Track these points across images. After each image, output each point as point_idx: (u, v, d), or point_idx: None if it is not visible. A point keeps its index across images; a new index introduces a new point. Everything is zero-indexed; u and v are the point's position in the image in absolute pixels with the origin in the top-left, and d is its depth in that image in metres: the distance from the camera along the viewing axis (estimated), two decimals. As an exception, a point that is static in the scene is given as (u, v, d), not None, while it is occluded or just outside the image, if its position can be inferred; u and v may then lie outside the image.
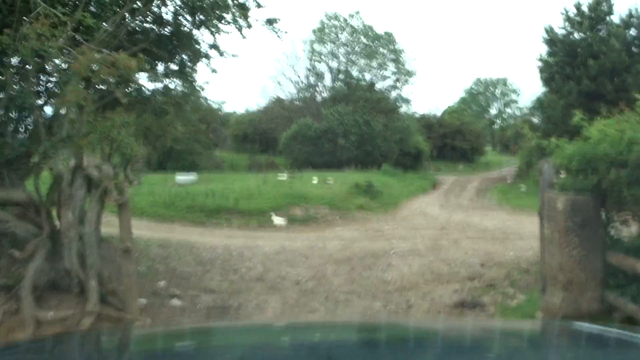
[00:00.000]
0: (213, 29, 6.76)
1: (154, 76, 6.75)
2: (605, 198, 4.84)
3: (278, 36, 7.62)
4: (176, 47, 7.08)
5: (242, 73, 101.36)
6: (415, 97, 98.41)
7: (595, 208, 4.82)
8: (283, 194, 15.95)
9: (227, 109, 60.64)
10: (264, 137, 45.45)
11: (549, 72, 20.04)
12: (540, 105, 22.20)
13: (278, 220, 13.34)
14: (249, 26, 7.31)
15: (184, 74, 7.74)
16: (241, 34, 7.48)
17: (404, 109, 42.48)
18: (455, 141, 52.17)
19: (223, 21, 6.69)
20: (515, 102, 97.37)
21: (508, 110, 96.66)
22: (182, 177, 21.87)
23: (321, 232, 12.61)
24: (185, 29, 6.93)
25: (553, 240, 4.75)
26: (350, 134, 35.42)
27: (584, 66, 18.87)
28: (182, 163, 31.45)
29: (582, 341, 1.71)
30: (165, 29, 6.89)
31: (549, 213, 4.81)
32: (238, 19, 6.97)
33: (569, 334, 1.88)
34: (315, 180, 20.80)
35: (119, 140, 5.07)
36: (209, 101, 41.89)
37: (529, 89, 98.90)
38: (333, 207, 15.03)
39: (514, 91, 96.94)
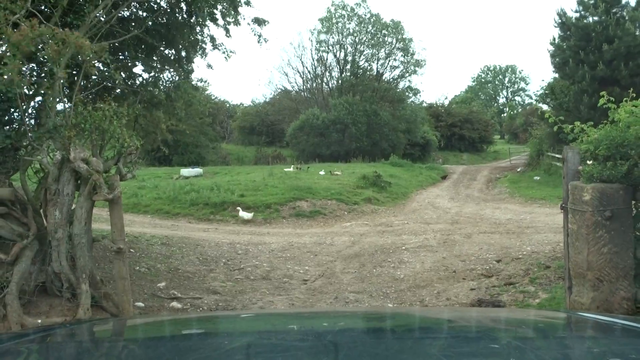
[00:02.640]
0: (204, 22, 6.40)
1: (148, 67, 6.39)
2: (637, 187, 4.43)
3: (259, 41, 7.31)
4: (172, 37, 6.73)
5: (249, 64, 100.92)
6: (423, 87, 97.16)
7: (625, 199, 4.41)
8: (289, 186, 15.61)
9: (233, 101, 60.53)
10: (270, 129, 45.08)
11: (562, 57, 19.44)
12: (551, 91, 21.61)
13: (244, 214, 13.02)
14: (237, 23, 6.96)
15: (180, 65, 7.39)
16: (227, 34, 7.14)
17: (412, 98, 41.85)
18: (464, 130, 51.53)
19: (214, 15, 6.34)
20: (525, 90, 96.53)
21: (517, 98, 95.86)
22: (187, 171, 21.56)
23: (329, 227, 12.26)
24: (181, 18, 6.57)
25: (580, 236, 4.36)
26: (358, 123, 34.97)
27: (599, 51, 18.25)
28: (188, 157, 31.20)
29: (589, 330, 1.70)
30: (161, 18, 6.52)
31: (574, 205, 4.41)
32: (227, 16, 6.63)
33: (575, 322, 1.86)
34: (322, 172, 20.43)
35: (111, 132, 4.71)
36: (211, 95, 41.62)
37: (538, 76, 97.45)
38: (341, 200, 14.66)
39: (523, 79, 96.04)
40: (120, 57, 6.39)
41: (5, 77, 3.84)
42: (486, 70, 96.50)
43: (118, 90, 6.55)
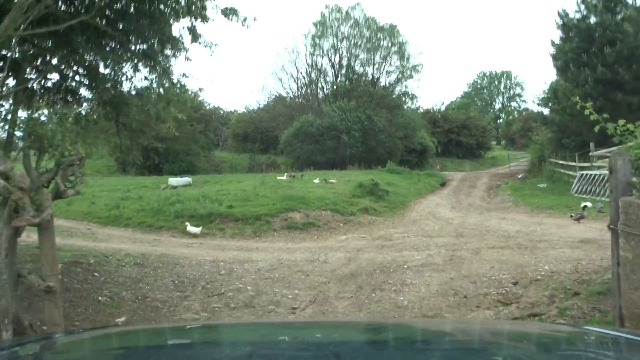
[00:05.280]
0: (171, 13, 5.51)
1: (109, 60, 5.46)
2: None
3: (243, 24, 6.42)
4: (142, 29, 5.83)
5: (243, 71, 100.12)
6: (419, 92, 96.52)
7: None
8: (281, 196, 14.68)
9: (228, 108, 59.64)
10: (265, 136, 44.15)
11: (564, 60, 18.67)
12: (554, 95, 20.83)
13: (192, 229, 12.15)
14: (205, 18, 6.10)
15: (154, 61, 6.48)
16: (191, 31, 6.27)
17: (408, 104, 41.04)
18: (461, 136, 50.73)
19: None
20: (520, 95, 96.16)
21: (512, 104, 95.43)
22: (176, 180, 20.61)
23: (323, 240, 11.34)
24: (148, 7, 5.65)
25: (636, 266, 3.45)
26: (353, 130, 34.10)
27: (601, 53, 17.49)
28: (179, 165, 30.24)
29: (592, 345, 1.65)
30: (125, 6, 5.60)
31: (629, 227, 3.50)
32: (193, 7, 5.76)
33: (579, 337, 1.80)
34: (317, 180, 19.52)
35: (49, 139, 3.79)
36: (204, 101, 40.65)
37: (533, 81, 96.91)
38: (336, 210, 13.74)
39: (518, 84, 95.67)
40: (77, 50, 5.45)
41: None
42: (482, 76, 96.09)
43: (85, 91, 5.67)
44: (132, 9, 5.24)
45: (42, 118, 4.35)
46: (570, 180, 19.69)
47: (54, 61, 4.97)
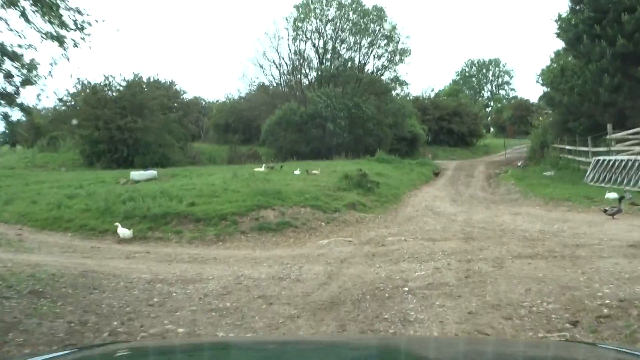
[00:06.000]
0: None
1: None
2: None
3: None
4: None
5: (224, 57, 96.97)
6: (409, 78, 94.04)
7: None
8: (254, 191, 12.49)
9: (209, 98, 56.99)
10: (247, 126, 41.85)
11: (574, 33, 16.57)
12: (561, 73, 18.74)
13: (123, 231, 10.01)
14: None
15: None
16: None
17: (398, 90, 38.88)
18: (452, 124, 48.76)
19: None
20: (509, 83, 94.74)
21: (501, 92, 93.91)
22: (138, 174, 18.29)
23: (299, 246, 9.18)
24: None
25: None
26: (339, 118, 31.89)
27: (617, 23, 15.39)
28: (151, 157, 27.82)
29: None
30: None
31: None
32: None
33: (595, 354, 1.70)
34: (297, 172, 17.34)
35: None
36: (180, 90, 38.25)
37: (522, 69, 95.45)
38: (317, 207, 11.59)
39: (507, 72, 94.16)
40: None
41: None
42: (470, 64, 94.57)
43: None
44: None
45: None
46: (580, 167, 17.70)
47: None
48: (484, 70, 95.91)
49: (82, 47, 6.20)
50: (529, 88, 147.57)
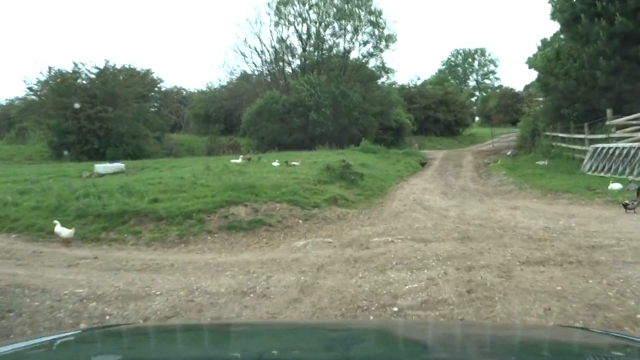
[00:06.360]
0: None
1: None
2: None
3: None
4: None
5: (204, 45, 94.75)
6: (395, 66, 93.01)
7: None
8: (226, 185, 11.29)
9: (190, 88, 55.25)
10: (228, 117, 40.48)
11: (571, 12, 15.52)
12: (557, 56, 17.73)
13: (61, 230, 8.84)
14: None
15: None
16: None
17: (384, 78, 37.72)
18: (439, 113, 47.85)
19: None
20: (494, 72, 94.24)
21: (486, 81, 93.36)
22: (103, 167, 16.96)
23: (272, 248, 8.03)
24: None
25: None
26: (323, 106, 30.67)
27: (620, 0, 14.35)
28: (124, 149, 26.38)
29: (605, 348, 1.60)
30: None
31: None
32: None
33: (591, 339, 1.78)
34: (276, 163, 16.16)
35: None
36: (158, 78, 36.70)
37: (507, 58, 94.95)
38: (294, 202, 10.43)
39: (492, 61, 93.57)
40: None
41: None
42: (456, 54, 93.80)
43: None
44: None
45: None
46: (575, 156, 16.77)
47: None
48: (470, 60, 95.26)
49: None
50: (514, 77, 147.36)
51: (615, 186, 10.55)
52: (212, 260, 7.37)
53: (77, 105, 23.42)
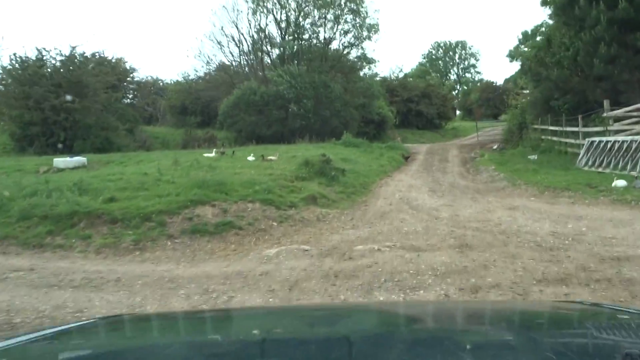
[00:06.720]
0: None
1: None
2: None
3: None
4: None
5: (178, 32, 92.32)
6: (376, 57, 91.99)
7: None
8: (193, 182, 10.13)
9: (167, 78, 53.48)
10: (205, 109, 39.04)
11: (568, -3, 14.58)
12: (548, 45, 16.86)
13: None
14: None
15: None
16: None
17: (365, 70, 36.67)
18: (421, 106, 46.98)
19: None
20: (475, 66, 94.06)
21: (467, 75, 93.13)
22: (63, 161, 15.62)
23: (239, 257, 6.93)
24: None
25: None
26: (304, 98, 29.51)
27: (620, -18, 13.46)
28: (92, 142, 24.88)
29: (605, 320, 1.62)
30: None
31: None
32: None
33: (590, 313, 1.76)
34: (251, 158, 15.03)
35: None
36: (130, 67, 35.24)
37: (487, 52, 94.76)
38: (268, 201, 9.34)
39: (473, 55, 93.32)
40: None
41: None
42: (436, 47, 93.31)
43: None
44: None
45: None
46: (568, 150, 15.96)
47: None
48: (451, 53, 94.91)
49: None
50: (494, 71, 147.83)
51: (620, 183, 9.68)
52: (168, 273, 6.25)
53: (39, 91, 21.86)
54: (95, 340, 1.64)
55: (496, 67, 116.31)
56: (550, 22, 19.03)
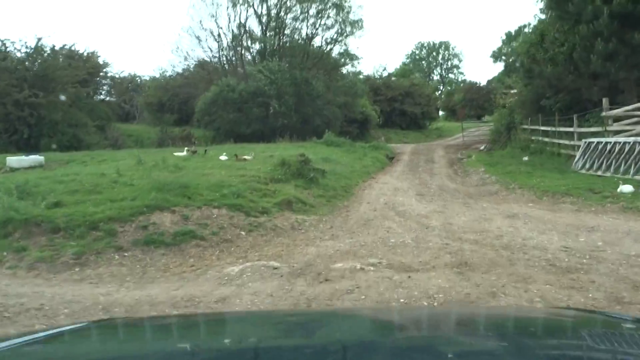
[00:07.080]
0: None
1: None
2: None
3: None
4: None
5: (156, 27, 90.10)
6: (360, 53, 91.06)
7: None
8: (153, 184, 8.97)
9: (144, 74, 51.82)
10: (183, 106, 37.68)
11: (562, -12, 13.74)
12: (541, 41, 16.02)
13: None
14: None
15: None
16: None
17: (348, 67, 35.69)
18: (405, 105, 46.20)
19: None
20: (458, 67, 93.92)
21: (450, 75, 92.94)
22: (17, 160, 14.30)
23: (196, 275, 5.83)
24: None
25: None
26: (285, 94, 28.40)
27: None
28: (59, 139, 23.46)
29: (598, 328, 1.59)
30: None
31: None
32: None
33: (583, 320, 1.74)
34: (224, 157, 13.89)
35: None
36: (104, 63, 33.82)
37: (470, 53, 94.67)
38: (237, 207, 8.24)
39: (456, 55, 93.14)
40: None
41: None
42: (420, 47, 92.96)
43: None
44: None
45: None
46: (561, 152, 15.12)
47: None
48: (434, 53, 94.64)
49: None
50: (477, 71, 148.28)
51: (627, 189, 8.79)
52: (105, 297, 5.13)
53: (0, 85, 20.41)
54: (87, 343, 1.61)
55: (479, 68, 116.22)
56: (542, 16, 18.20)
